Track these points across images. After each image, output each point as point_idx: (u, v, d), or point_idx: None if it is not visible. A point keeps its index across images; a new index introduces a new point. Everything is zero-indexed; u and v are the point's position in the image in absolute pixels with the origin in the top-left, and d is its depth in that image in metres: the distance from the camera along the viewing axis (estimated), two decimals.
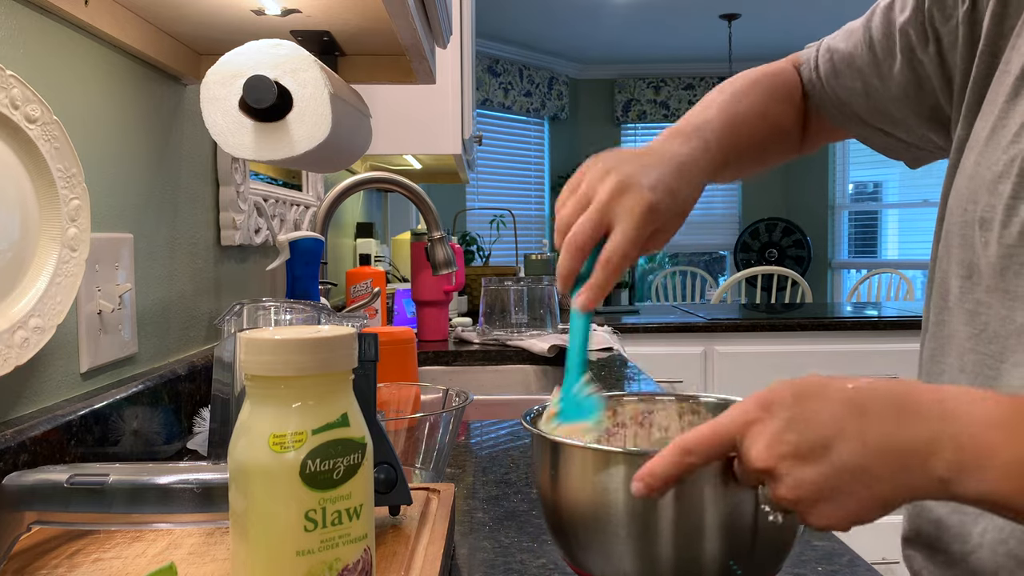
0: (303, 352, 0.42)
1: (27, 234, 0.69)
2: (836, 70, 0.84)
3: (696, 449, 0.50)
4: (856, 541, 0.72)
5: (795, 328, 2.68)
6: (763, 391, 0.50)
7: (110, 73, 0.91)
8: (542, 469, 0.57)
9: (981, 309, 0.65)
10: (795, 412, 0.48)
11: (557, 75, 6.77)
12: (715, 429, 0.50)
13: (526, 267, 2.69)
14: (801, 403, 0.49)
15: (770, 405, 0.49)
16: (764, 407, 0.49)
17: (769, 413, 0.49)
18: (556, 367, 1.90)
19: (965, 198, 0.67)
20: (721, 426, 0.50)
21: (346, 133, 0.95)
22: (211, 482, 0.56)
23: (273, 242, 1.46)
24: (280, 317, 0.84)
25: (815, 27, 6.01)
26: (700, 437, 0.50)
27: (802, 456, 0.47)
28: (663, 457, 0.50)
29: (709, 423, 0.51)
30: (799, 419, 0.48)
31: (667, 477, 0.50)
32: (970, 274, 0.67)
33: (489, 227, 5.14)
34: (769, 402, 0.49)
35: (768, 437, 0.48)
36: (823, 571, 0.65)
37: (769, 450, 0.48)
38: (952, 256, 0.69)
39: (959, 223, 0.68)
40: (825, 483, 0.47)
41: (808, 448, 0.47)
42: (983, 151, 0.66)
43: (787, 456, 0.48)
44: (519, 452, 1.03)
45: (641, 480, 0.50)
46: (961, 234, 0.67)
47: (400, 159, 2.56)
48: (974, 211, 0.65)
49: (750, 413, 0.49)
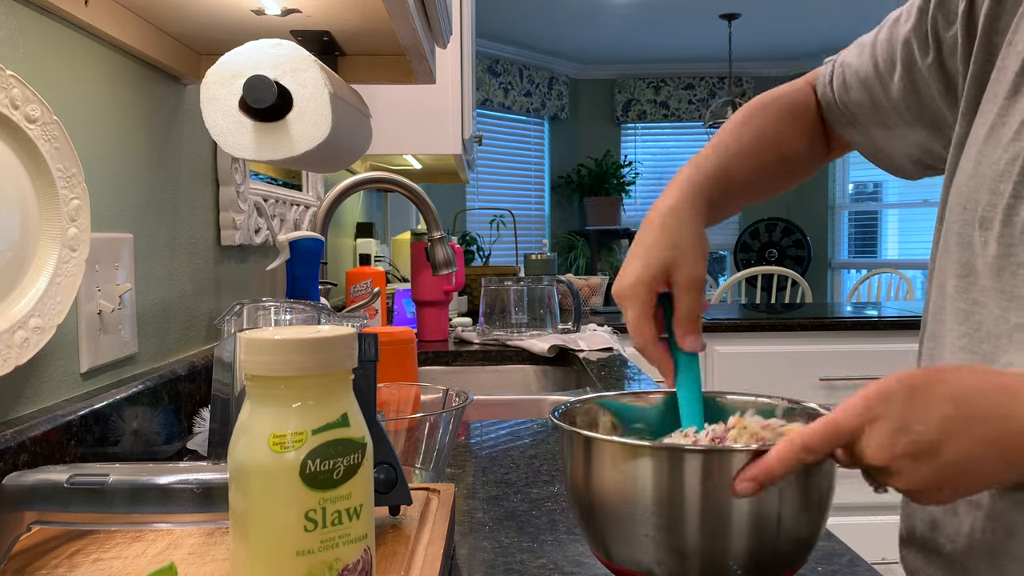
0: (303, 352, 0.42)
1: (27, 234, 0.69)
2: (847, 84, 0.85)
3: (816, 447, 0.52)
4: (856, 541, 0.72)
5: (795, 328, 2.68)
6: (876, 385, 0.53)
7: (110, 73, 0.91)
8: (573, 464, 0.58)
9: (976, 308, 0.66)
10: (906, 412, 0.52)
11: (557, 75, 6.77)
12: (834, 427, 0.53)
13: (526, 267, 2.69)
14: (910, 403, 0.52)
15: (886, 400, 0.52)
16: (881, 400, 0.52)
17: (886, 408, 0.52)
18: (556, 367, 1.90)
19: (965, 197, 0.67)
20: (839, 424, 0.53)
21: (346, 133, 0.95)
22: (211, 482, 0.56)
23: (273, 242, 1.46)
24: (280, 317, 0.84)
25: (815, 27, 6.02)
26: (817, 435, 0.53)
27: (915, 456, 0.52)
28: (780, 455, 0.52)
29: (823, 421, 0.53)
30: (910, 419, 0.52)
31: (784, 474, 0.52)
32: (967, 273, 0.67)
33: (489, 227, 5.14)
34: (883, 397, 0.53)
35: (883, 437, 0.52)
36: (823, 571, 0.65)
37: (884, 450, 0.52)
38: (950, 255, 0.69)
39: (959, 222, 0.68)
40: (937, 478, 0.52)
41: (919, 449, 0.52)
42: (983, 149, 0.66)
43: (900, 455, 0.52)
44: (519, 452, 1.03)
45: (753, 480, 0.52)
46: (960, 233, 0.68)
47: (400, 159, 2.56)
48: (974, 210, 0.66)
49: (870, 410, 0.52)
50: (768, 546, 0.53)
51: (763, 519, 0.52)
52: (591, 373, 1.61)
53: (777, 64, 6.87)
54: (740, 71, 6.78)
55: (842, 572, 0.65)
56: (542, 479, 0.91)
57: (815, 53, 6.61)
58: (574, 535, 0.73)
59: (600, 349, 1.89)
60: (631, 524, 0.54)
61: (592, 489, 0.56)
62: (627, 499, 0.54)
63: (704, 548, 0.53)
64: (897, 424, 0.52)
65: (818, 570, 0.65)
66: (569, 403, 0.66)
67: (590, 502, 0.56)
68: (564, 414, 0.64)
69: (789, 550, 0.55)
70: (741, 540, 0.52)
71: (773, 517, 0.53)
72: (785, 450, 0.52)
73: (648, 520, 0.53)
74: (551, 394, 1.62)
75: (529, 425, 1.20)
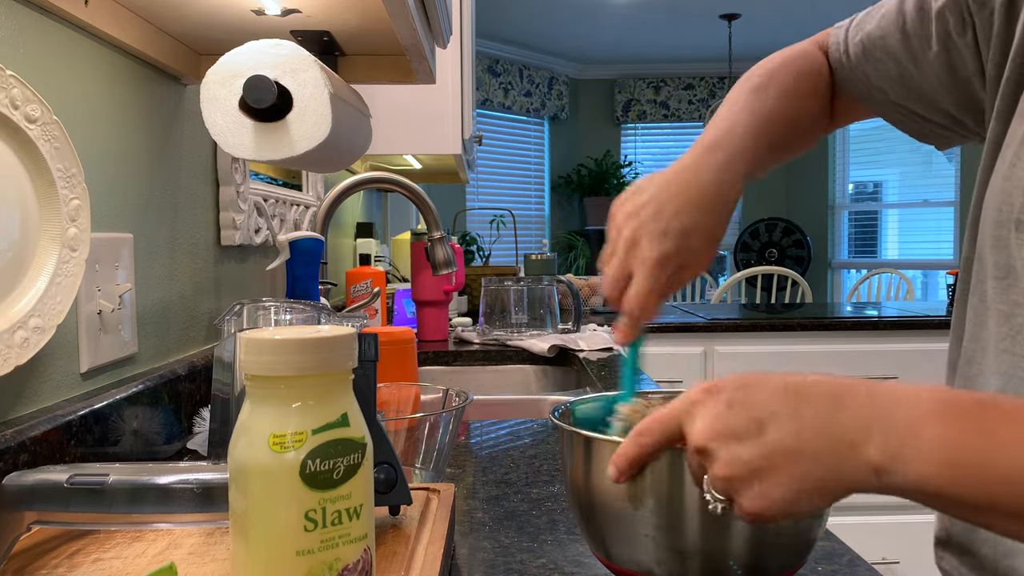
0: (303, 352, 0.42)
1: (27, 234, 0.69)
2: (867, 53, 0.81)
3: (647, 430, 0.53)
4: (856, 541, 0.72)
5: (795, 328, 2.68)
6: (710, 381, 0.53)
7: (110, 73, 0.91)
8: (573, 464, 0.58)
9: (1017, 311, 0.64)
10: (735, 395, 0.50)
11: (557, 75, 6.77)
12: (663, 412, 0.53)
13: (526, 267, 2.69)
14: (743, 388, 0.50)
15: (713, 389, 0.51)
16: (708, 391, 0.51)
17: (709, 396, 0.51)
18: (556, 367, 1.90)
19: (1000, 199, 0.66)
20: (669, 409, 0.53)
21: (346, 133, 0.95)
22: (211, 482, 0.56)
23: (273, 242, 1.46)
24: (280, 317, 0.84)
25: (815, 27, 5.99)
26: (651, 420, 0.53)
27: (736, 435, 0.49)
28: (625, 441, 0.53)
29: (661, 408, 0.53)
30: (737, 401, 0.50)
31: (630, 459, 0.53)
32: (1005, 275, 0.65)
33: (489, 227, 5.14)
34: (713, 387, 0.51)
35: (707, 417, 0.50)
36: (823, 571, 0.65)
37: (706, 430, 0.50)
38: (987, 257, 0.68)
39: (993, 223, 0.66)
40: (757, 462, 0.48)
41: (743, 427, 0.49)
42: (1019, 151, 0.65)
43: (722, 434, 0.49)
44: (519, 452, 1.03)
45: (613, 463, 0.54)
46: (995, 235, 0.66)
47: (400, 159, 2.56)
48: (1010, 212, 0.64)
49: (694, 396, 0.52)
50: (768, 546, 0.53)
51: None
52: (591, 373, 1.61)
53: None
54: (740, 71, 6.76)
55: (842, 572, 0.65)
56: (542, 479, 0.91)
57: None
58: (574, 535, 0.73)
59: (600, 349, 1.89)
60: (631, 524, 0.54)
61: (592, 489, 0.56)
62: (627, 499, 0.54)
63: (704, 548, 0.53)
64: (722, 406, 0.50)
65: (818, 570, 0.65)
66: (569, 403, 0.66)
67: (590, 502, 0.57)
68: (564, 414, 0.64)
69: (789, 550, 0.55)
70: (741, 540, 0.53)
71: None
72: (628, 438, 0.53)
73: (648, 520, 0.53)
74: (551, 394, 1.62)
75: (529, 425, 1.20)
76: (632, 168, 6.88)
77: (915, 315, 2.74)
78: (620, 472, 0.53)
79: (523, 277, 2.13)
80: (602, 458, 0.56)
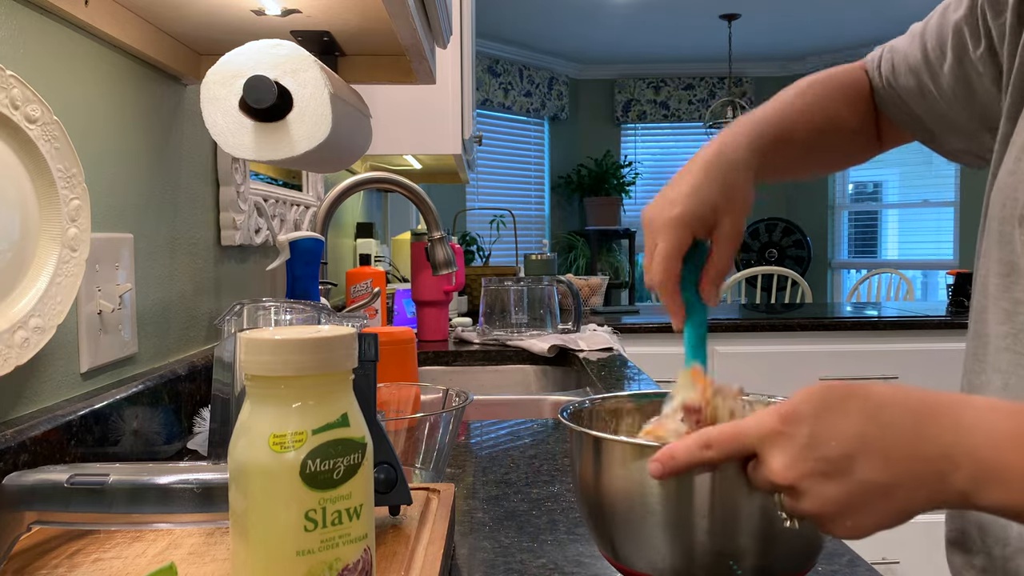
0: (303, 352, 0.42)
1: (27, 234, 0.69)
2: (895, 69, 0.83)
3: (716, 445, 0.50)
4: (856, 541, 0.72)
5: (795, 328, 2.68)
6: (786, 402, 0.51)
7: (110, 73, 0.91)
8: (582, 464, 0.58)
9: (1019, 308, 0.65)
10: (816, 428, 0.49)
11: (557, 75, 6.77)
12: (737, 432, 0.51)
13: (526, 267, 2.69)
14: (822, 419, 0.49)
15: (791, 419, 0.49)
16: (785, 421, 0.49)
17: (790, 427, 0.49)
18: (556, 367, 1.90)
19: (1005, 195, 0.66)
20: (743, 431, 0.50)
21: (346, 133, 0.95)
22: (211, 482, 0.56)
23: (273, 242, 1.46)
24: (280, 317, 0.84)
25: (815, 27, 6.01)
26: (721, 435, 0.51)
27: (825, 473, 0.48)
28: (685, 444, 0.51)
29: (732, 424, 0.51)
30: (820, 436, 0.48)
31: (685, 464, 0.51)
32: (1009, 272, 0.66)
33: (489, 227, 5.14)
34: (790, 417, 0.49)
35: (789, 455, 0.49)
36: (823, 571, 0.65)
37: (790, 468, 0.48)
38: (992, 254, 0.68)
39: (998, 219, 0.67)
40: (848, 499, 0.48)
41: (830, 466, 0.48)
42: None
43: (809, 474, 0.48)
44: (519, 452, 1.03)
45: (660, 461, 0.51)
46: (1000, 231, 0.67)
47: (400, 159, 2.56)
48: (1013, 208, 0.65)
49: (771, 426, 0.50)
50: (777, 549, 0.53)
51: (774, 520, 0.52)
52: (591, 373, 1.61)
53: (777, 64, 6.87)
54: (740, 71, 6.78)
55: (842, 572, 0.65)
56: (542, 479, 0.91)
57: (815, 53, 6.61)
58: (574, 535, 0.73)
59: (600, 349, 1.89)
60: (640, 524, 0.54)
61: (601, 489, 0.56)
62: (636, 499, 0.54)
63: (713, 549, 0.52)
64: (804, 441, 0.48)
65: (818, 570, 0.65)
66: (577, 403, 0.66)
67: (599, 502, 0.56)
68: (573, 414, 0.64)
69: (799, 552, 0.54)
70: (750, 543, 0.52)
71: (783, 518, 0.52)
72: (691, 441, 0.51)
73: (658, 520, 0.53)
74: (551, 394, 1.62)
75: (529, 425, 1.20)
76: (632, 168, 6.88)
77: (915, 315, 2.74)
78: (666, 472, 0.51)
79: (523, 277, 2.13)
80: (611, 458, 0.55)
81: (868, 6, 5.29)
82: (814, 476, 0.48)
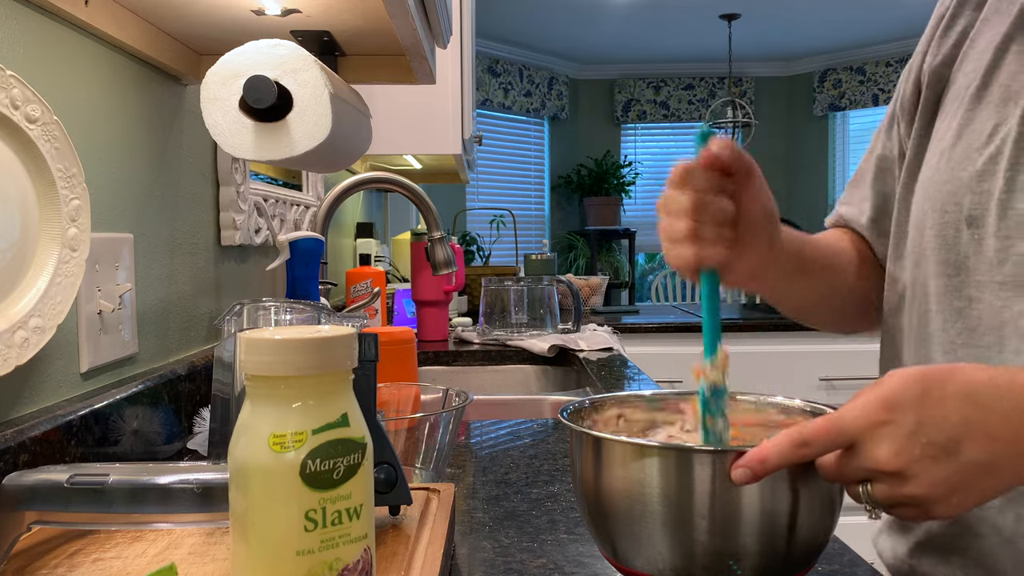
0: (303, 352, 0.42)
1: (27, 234, 0.69)
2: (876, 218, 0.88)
3: (814, 441, 0.51)
4: (856, 541, 0.72)
5: (795, 328, 2.68)
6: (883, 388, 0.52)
7: (110, 73, 0.91)
8: (582, 464, 0.58)
9: (972, 305, 0.67)
10: (922, 414, 0.50)
11: (557, 75, 6.77)
12: (836, 425, 0.51)
13: (526, 267, 2.69)
14: (925, 405, 0.51)
15: (894, 406, 0.51)
16: (888, 408, 0.51)
17: (894, 415, 0.50)
18: (556, 367, 1.90)
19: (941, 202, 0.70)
20: (843, 423, 0.51)
21: (346, 133, 0.95)
22: (211, 482, 0.56)
23: (273, 242, 1.46)
24: (280, 317, 0.84)
25: (815, 27, 6.01)
26: (819, 430, 0.51)
27: (934, 457, 0.50)
28: (778, 446, 0.51)
29: (827, 417, 0.52)
30: (926, 421, 0.50)
31: (777, 465, 0.50)
32: (956, 272, 0.69)
33: (489, 227, 5.15)
34: (893, 403, 0.51)
35: (897, 442, 0.50)
36: (823, 571, 0.65)
37: (900, 455, 0.50)
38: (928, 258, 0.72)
39: (937, 225, 0.70)
40: (958, 480, 0.50)
41: (939, 450, 0.50)
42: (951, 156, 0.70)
43: (919, 458, 0.50)
44: (519, 452, 1.03)
45: (748, 466, 0.50)
46: (940, 236, 0.70)
47: (400, 159, 2.56)
48: (957, 212, 0.68)
49: (875, 414, 0.51)
50: (779, 548, 0.53)
51: (775, 520, 0.52)
52: (591, 373, 1.61)
53: (777, 64, 6.87)
54: (740, 71, 6.78)
55: (842, 572, 0.65)
56: (542, 479, 0.91)
57: (815, 53, 6.61)
58: (574, 535, 0.73)
59: (600, 349, 1.89)
60: (641, 524, 0.54)
61: (601, 489, 0.56)
62: (636, 499, 0.54)
63: (714, 549, 0.52)
64: (911, 427, 0.50)
65: (818, 570, 0.65)
66: (577, 403, 0.65)
67: (599, 502, 0.56)
68: (573, 414, 0.64)
69: (800, 552, 0.54)
70: (752, 541, 0.52)
71: (785, 518, 0.52)
72: (783, 442, 0.51)
73: (658, 520, 0.53)
74: (551, 394, 1.62)
75: (529, 425, 1.20)
76: (632, 168, 6.88)
77: None
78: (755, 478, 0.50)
79: (523, 277, 2.13)
80: (612, 458, 0.55)
81: (868, 6, 5.29)
82: (923, 460, 0.50)
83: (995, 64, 0.70)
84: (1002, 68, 0.69)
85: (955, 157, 0.70)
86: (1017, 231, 0.64)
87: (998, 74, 0.69)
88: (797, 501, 0.52)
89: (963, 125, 0.70)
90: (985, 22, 0.73)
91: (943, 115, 0.74)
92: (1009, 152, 0.65)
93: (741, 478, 0.50)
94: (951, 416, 0.50)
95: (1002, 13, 0.71)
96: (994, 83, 0.69)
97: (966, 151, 0.69)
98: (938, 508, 0.51)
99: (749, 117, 6.14)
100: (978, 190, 0.67)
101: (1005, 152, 0.66)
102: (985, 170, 0.67)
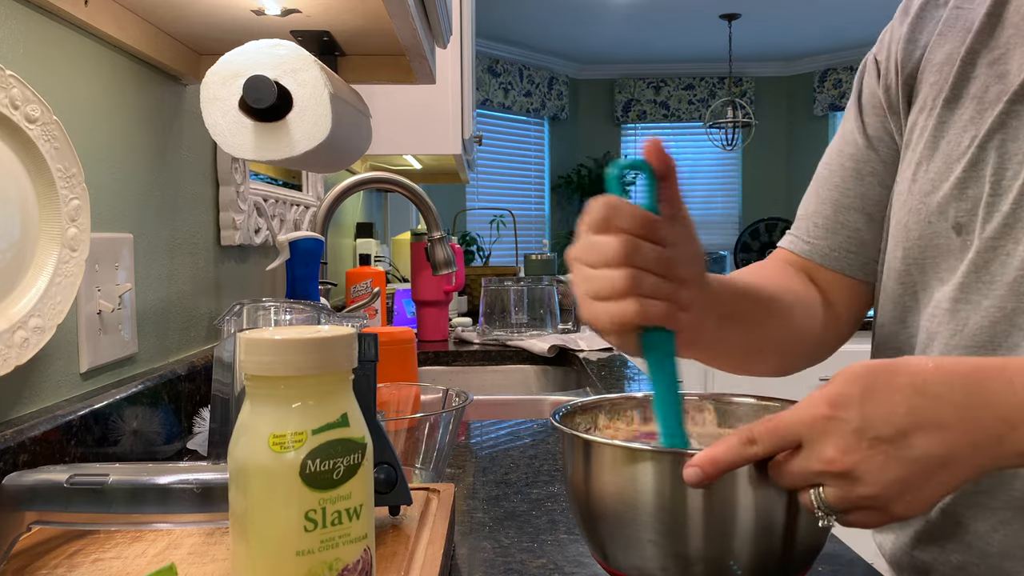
0: (303, 352, 0.42)
1: (27, 234, 0.69)
2: None
3: (760, 439, 0.49)
4: (856, 541, 0.72)
5: None
6: (829, 385, 0.50)
7: (110, 73, 0.91)
8: (573, 468, 0.57)
9: (959, 307, 0.68)
10: (867, 410, 0.48)
11: (557, 75, 6.77)
12: (781, 423, 0.49)
13: (526, 267, 2.69)
14: (870, 399, 0.48)
15: (839, 403, 0.48)
16: (832, 404, 0.48)
17: (838, 411, 0.48)
18: (556, 367, 1.90)
19: (928, 213, 0.70)
20: (788, 421, 0.49)
21: (346, 133, 0.95)
22: (211, 482, 0.56)
23: (273, 242, 1.46)
24: (280, 317, 0.83)
25: (815, 27, 6.01)
26: (765, 428, 0.49)
27: (882, 452, 0.47)
28: (727, 445, 0.49)
29: (773, 416, 0.50)
30: (873, 417, 0.48)
31: (729, 464, 0.49)
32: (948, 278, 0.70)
33: (489, 227, 5.15)
34: (838, 399, 0.49)
35: (843, 440, 0.47)
36: (823, 571, 0.65)
37: (847, 453, 0.47)
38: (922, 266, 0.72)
39: (927, 235, 0.71)
40: (909, 477, 0.47)
41: (887, 444, 0.47)
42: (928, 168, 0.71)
43: (866, 457, 0.47)
44: (519, 452, 1.03)
45: (699, 467, 0.49)
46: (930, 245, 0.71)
47: (400, 159, 2.56)
48: (941, 222, 0.69)
49: (819, 412, 0.48)
50: (773, 551, 0.52)
51: (768, 524, 0.52)
52: (591, 373, 1.61)
53: (777, 64, 6.87)
54: (740, 71, 6.78)
55: (842, 572, 0.65)
56: (542, 479, 0.91)
57: (815, 53, 6.61)
58: (574, 535, 0.73)
59: (600, 349, 1.89)
60: (633, 528, 0.53)
61: (592, 493, 0.56)
62: (628, 503, 0.53)
63: (707, 554, 0.52)
64: (857, 423, 0.47)
65: (818, 570, 0.65)
66: (570, 405, 0.65)
67: (590, 506, 0.56)
68: (565, 416, 0.63)
69: (795, 555, 0.54)
70: (745, 545, 0.51)
71: (778, 522, 0.52)
72: (732, 441, 0.49)
73: (650, 525, 0.53)
74: (551, 394, 1.62)
75: (529, 425, 1.20)
76: None
77: None
78: (706, 478, 0.48)
79: (523, 277, 2.13)
80: (602, 461, 0.55)
81: (868, 6, 5.28)
82: (872, 457, 0.47)
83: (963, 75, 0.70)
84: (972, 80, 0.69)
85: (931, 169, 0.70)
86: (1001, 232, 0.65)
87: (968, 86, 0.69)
88: (790, 504, 0.52)
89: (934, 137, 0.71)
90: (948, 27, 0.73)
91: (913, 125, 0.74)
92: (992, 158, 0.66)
93: (692, 478, 0.49)
94: (898, 409, 0.48)
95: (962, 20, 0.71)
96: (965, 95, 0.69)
97: (944, 161, 0.69)
98: (895, 507, 0.48)
99: (749, 117, 6.14)
100: (961, 197, 0.67)
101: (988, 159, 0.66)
102: (967, 176, 0.67)
